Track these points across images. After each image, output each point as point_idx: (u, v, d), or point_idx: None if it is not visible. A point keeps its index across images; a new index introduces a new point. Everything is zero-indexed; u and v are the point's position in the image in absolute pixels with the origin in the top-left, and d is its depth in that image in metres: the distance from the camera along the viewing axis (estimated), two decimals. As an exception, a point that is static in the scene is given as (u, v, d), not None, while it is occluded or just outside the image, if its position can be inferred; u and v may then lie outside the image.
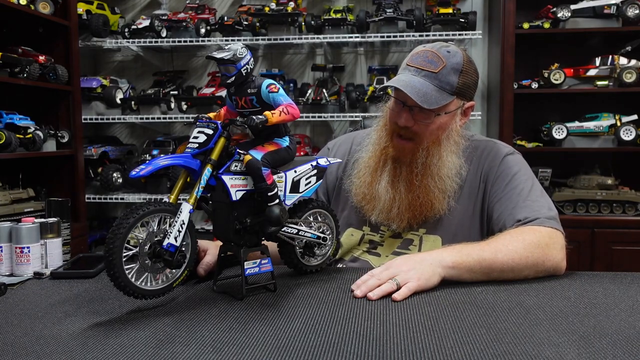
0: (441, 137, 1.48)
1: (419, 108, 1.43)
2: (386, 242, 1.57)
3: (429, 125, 1.46)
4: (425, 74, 1.44)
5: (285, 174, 1.22)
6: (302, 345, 0.92)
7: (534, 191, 1.50)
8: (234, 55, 1.13)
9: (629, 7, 3.31)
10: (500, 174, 1.53)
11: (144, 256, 1.05)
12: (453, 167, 1.49)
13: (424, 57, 1.46)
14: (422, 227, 1.54)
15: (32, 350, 0.92)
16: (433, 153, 1.48)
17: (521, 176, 1.52)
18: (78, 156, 3.39)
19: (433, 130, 1.47)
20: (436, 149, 1.48)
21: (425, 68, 1.45)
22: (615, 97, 3.48)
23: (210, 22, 3.71)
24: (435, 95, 1.42)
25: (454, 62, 1.45)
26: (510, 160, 1.55)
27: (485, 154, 1.57)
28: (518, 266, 1.31)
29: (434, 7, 3.59)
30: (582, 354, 0.88)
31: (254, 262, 1.19)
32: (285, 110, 1.15)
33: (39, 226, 1.52)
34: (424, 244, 1.53)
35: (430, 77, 1.44)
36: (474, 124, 3.87)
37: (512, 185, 1.50)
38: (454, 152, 1.50)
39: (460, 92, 1.47)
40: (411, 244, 1.54)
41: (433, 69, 1.44)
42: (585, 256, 3.24)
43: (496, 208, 1.50)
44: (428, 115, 1.45)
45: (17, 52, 3.02)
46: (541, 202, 1.48)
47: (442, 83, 1.44)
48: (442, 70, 1.44)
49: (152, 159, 1.07)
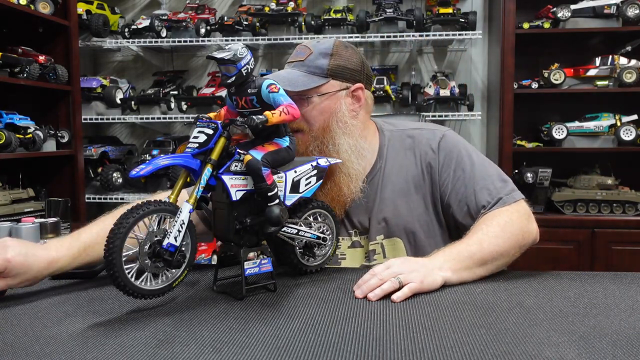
0: (330, 122, 1.48)
1: (296, 99, 1.41)
2: (348, 254, 1.56)
3: (309, 111, 1.47)
4: (294, 65, 1.49)
5: (285, 174, 1.22)
6: (302, 345, 0.92)
7: (480, 166, 1.51)
8: (235, 55, 1.13)
9: (629, 7, 3.31)
10: (443, 162, 1.53)
11: (144, 256, 1.05)
12: (350, 148, 1.48)
13: (296, 52, 1.53)
14: (378, 234, 1.53)
15: (31, 350, 0.92)
16: (326, 139, 1.47)
17: (462, 156, 1.52)
18: (78, 156, 3.39)
19: (316, 116, 1.47)
20: (328, 135, 1.47)
21: (295, 59, 1.50)
22: (615, 97, 3.48)
23: (210, 22, 3.72)
24: (303, 80, 1.45)
25: (322, 48, 1.49)
26: (446, 144, 1.55)
27: (419, 143, 1.57)
28: (505, 250, 1.34)
29: (434, 7, 3.59)
30: (582, 354, 0.88)
31: (254, 262, 1.19)
32: (286, 110, 1.15)
33: (38, 226, 1.52)
34: (387, 249, 1.53)
35: (298, 65, 1.48)
36: (473, 124, 3.87)
37: (459, 171, 1.50)
38: (349, 133, 1.49)
39: (335, 74, 1.48)
40: (375, 253, 1.53)
41: (301, 58, 1.49)
42: (585, 256, 3.24)
43: (452, 197, 1.50)
44: (306, 101, 1.47)
45: (17, 52, 3.02)
46: (492, 177, 1.48)
47: (311, 68, 1.47)
48: (309, 57, 1.48)
49: (152, 159, 1.07)
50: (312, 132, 1.48)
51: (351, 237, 1.55)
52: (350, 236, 1.56)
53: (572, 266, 3.21)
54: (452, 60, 3.89)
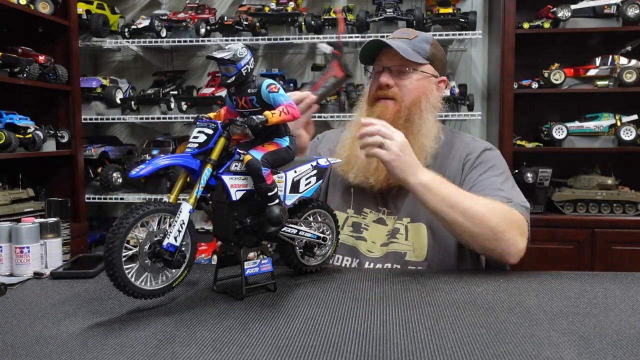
0: (421, 98, 1.59)
1: (397, 69, 1.59)
2: (370, 227, 1.61)
3: (408, 84, 1.58)
4: (402, 40, 1.60)
5: (285, 174, 1.22)
6: (302, 345, 0.92)
7: (508, 183, 1.57)
8: (234, 55, 1.13)
9: (629, 7, 3.30)
10: (478, 164, 1.61)
11: (144, 256, 1.05)
12: (432, 127, 1.60)
13: (400, 31, 1.68)
14: (405, 216, 1.58)
15: (32, 350, 0.92)
16: (414, 112, 1.58)
17: (497, 170, 1.60)
18: (78, 156, 3.38)
19: (412, 90, 1.59)
20: (417, 108, 1.58)
21: (401, 36, 1.63)
22: (615, 97, 3.47)
23: (210, 22, 3.71)
24: (412, 53, 1.58)
25: (425, 35, 1.65)
26: (489, 154, 1.64)
27: (467, 145, 1.66)
28: (479, 220, 1.38)
29: (434, 7, 3.59)
30: (582, 354, 0.88)
31: (254, 262, 1.19)
32: (285, 110, 1.15)
33: (38, 226, 1.52)
34: (410, 232, 1.58)
35: (406, 42, 1.60)
36: (473, 124, 3.87)
37: (486, 175, 1.57)
38: (433, 115, 1.61)
39: (433, 60, 1.62)
40: (398, 232, 1.58)
41: (408, 37, 1.62)
42: (585, 256, 3.24)
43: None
44: (407, 74, 1.59)
45: (17, 52, 3.02)
46: (514, 194, 1.53)
47: (417, 47, 1.60)
48: (415, 38, 1.62)
49: (152, 159, 1.07)
50: (403, 103, 1.58)
51: (379, 213, 1.61)
52: (379, 212, 1.61)
53: (572, 266, 3.20)
54: (452, 60, 3.89)
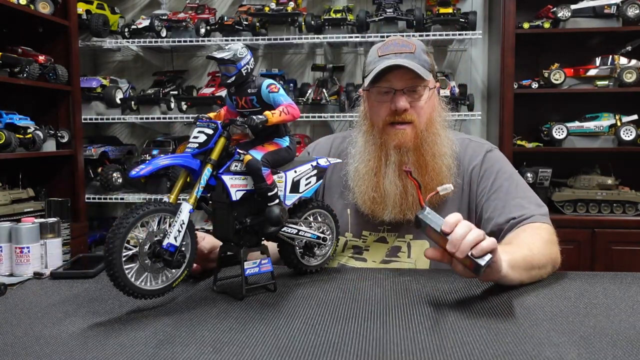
0: (433, 115, 1.51)
1: (407, 90, 1.46)
2: (372, 247, 1.56)
3: (423, 105, 1.48)
4: (405, 55, 1.47)
5: (285, 174, 1.22)
6: (302, 345, 0.92)
7: (520, 187, 1.51)
8: (234, 55, 1.13)
9: (629, 7, 3.30)
10: (485, 172, 1.53)
11: (144, 256, 1.05)
12: (449, 142, 1.51)
13: (394, 44, 1.51)
14: (408, 233, 1.53)
15: (32, 350, 0.92)
16: (432, 132, 1.49)
17: (504, 173, 1.53)
18: (78, 156, 3.38)
19: (426, 110, 1.49)
20: (433, 128, 1.50)
21: (402, 51, 1.48)
22: (615, 97, 3.47)
23: (210, 22, 3.71)
24: (424, 70, 1.46)
25: (420, 45, 1.52)
26: (491, 158, 1.56)
27: (465, 150, 1.57)
28: (546, 261, 1.32)
29: (434, 7, 3.59)
30: (582, 354, 0.88)
31: (254, 262, 1.19)
32: (286, 110, 1.15)
33: (38, 226, 1.52)
34: (413, 249, 1.52)
35: (410, 57, 1.47)
36: (473, 124, 3.87)
37: (498, 183, 1.51)
38: (446, 128, 1.53)
39: (432, 70, 1.52)
40: (399, 250, 1.53)
41: (409, 50, 1.48)
42: (585, 256, 3.24)
43: (485, 207, 1.50)
44: (418, 94, 1.47)
45: (17, 52, 3.02)
46: (530, 198, 1.49)
47: (421, 61, 1.48)
48: (416, 50, 1.49)
49: (152, 159, 1.07)
50: (420, 126, 1.48)
51: (379, 232, 1.55)
52: (379, 232, 1.55)
53: (572, 266, 3.19)
54: (452, 60, 3.89)
